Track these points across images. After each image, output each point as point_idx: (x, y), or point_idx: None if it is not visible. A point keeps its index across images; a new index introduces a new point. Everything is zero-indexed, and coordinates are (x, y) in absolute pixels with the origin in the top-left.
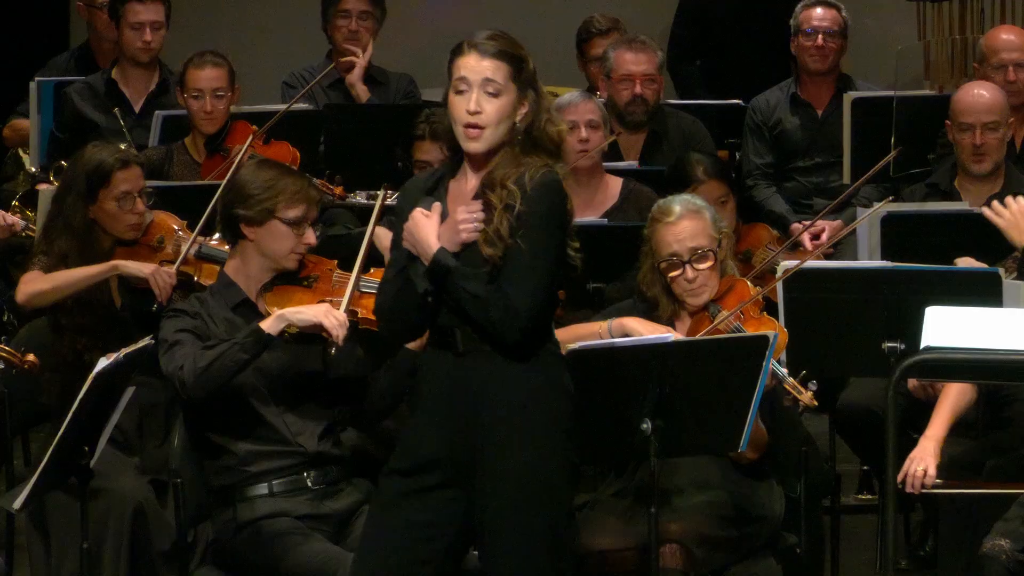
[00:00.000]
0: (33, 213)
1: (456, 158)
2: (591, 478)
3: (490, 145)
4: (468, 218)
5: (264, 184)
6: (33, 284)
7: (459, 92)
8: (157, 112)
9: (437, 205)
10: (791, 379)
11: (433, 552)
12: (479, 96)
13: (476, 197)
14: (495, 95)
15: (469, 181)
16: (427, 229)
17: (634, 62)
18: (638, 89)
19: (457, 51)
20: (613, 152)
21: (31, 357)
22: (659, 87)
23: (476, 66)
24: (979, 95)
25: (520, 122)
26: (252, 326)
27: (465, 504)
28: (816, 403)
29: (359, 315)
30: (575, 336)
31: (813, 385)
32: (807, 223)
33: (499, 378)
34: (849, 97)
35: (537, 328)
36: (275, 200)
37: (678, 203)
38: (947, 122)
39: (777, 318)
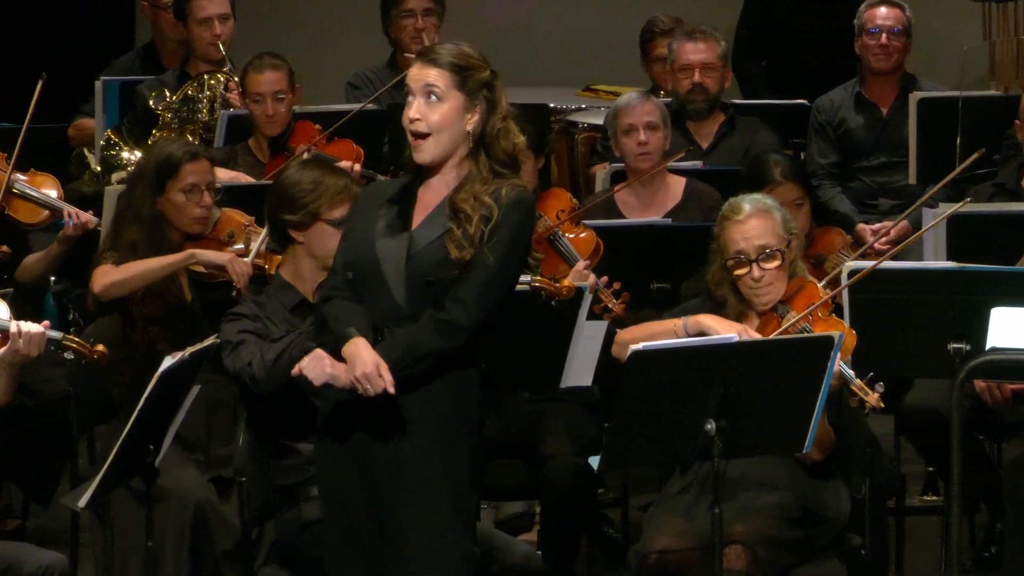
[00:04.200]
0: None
1: (420, 167)
2: (655, 479)
3: (435, 156)
4: (309, 367)
5: (306, 187)
6: (110, 274)
7: (407, 102)
8: (223, 112)
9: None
10: (858, 380)
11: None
12: (419, 103)
13: (444, 208)
14: (437, 101)
15: (435, 191)
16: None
17: (693, 51)
18: (697, 77)
19: (404, 59)
20: (686, 138)
21: (100, 347)
22: (720, 76)
23: (417, 74)
24: None
25: (472, 130)
26: (316, 314)
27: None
28: (883, 405)
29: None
30: (648, 334)
31: (880, 387)
32: (880, 225)
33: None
34: (915, 97)
35: (483, 331)
36: (318, 202)
37: (748, 202)
38: (1016, 122)
39: (843, 319)
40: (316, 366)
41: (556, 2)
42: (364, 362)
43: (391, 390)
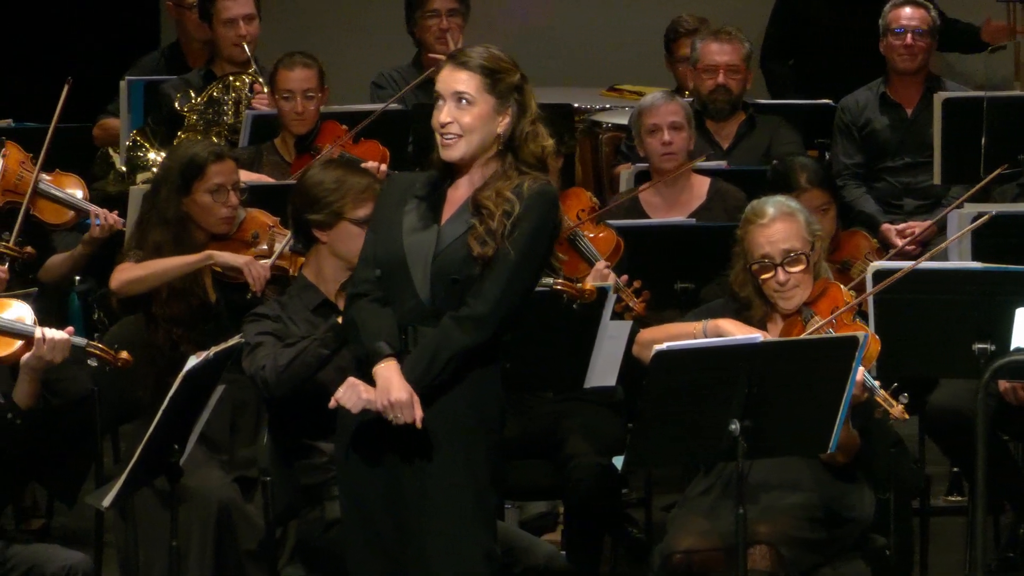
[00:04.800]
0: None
1: (448, 166)
2: (678, 479)
3: (465, 153)
4: (345, 397)
5: (330, 187)
6: (127, 272)
7: (436, 105)
8: (247, 111)
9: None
10: (882, 392)
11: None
12: (450, 107)
13: (469, 205)
14: (467, 104)
15: (462, 189)
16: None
17: (718, 52)
18: (721, 79)
19: (439, 67)
20: (705, 138)
21: (124, 354)
22: (743, 77)
23: (448, 78)
24: None
25: (503, 132)
26: (331, 322)
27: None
28: (907, 416)
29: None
30: (668, 335)
31: (904, 398)
32: (906, 225)
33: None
34: (939, 97)
35: (506, 326)
36: (342, 202)
37: (772, 205)
38: None
39: (867, 319)
40: (351, 395)
41: (580, 2)
42: (399, 390)
43: (419, 425)
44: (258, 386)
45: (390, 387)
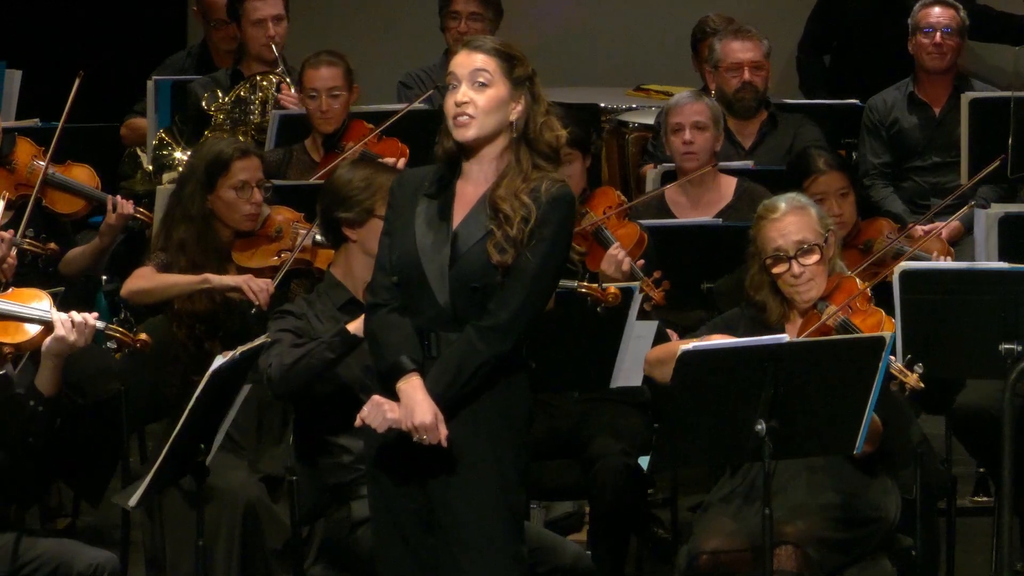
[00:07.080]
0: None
1: (455, 163)
2: (704, 479)
3: (478, 134)
4: (371, 416)
5: (360, 184)
6: (137, 281)
7: (451, 89)
8: (274, 111)
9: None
10: (897, 364)
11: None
12: (466, 88)
13: (484, 206)
14: (484, 85)
15: (474, 184)
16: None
17: (741, 50)
18: (746, 76)
19: (453, 56)
20: (728, 138)
21: (143, 336)
22: (767, 74)
23: (465, 60)
24: None
25: (516, 121)
26: (339, 327)
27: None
28: (923, 385)
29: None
30: (669, 353)
31: (919, 367)
32: (932, 226)
33: None
34: (967, 97)
35: (527, 333)
36: (373, 199)
37: (783, 200)
38: None
39: (880, 308)
40: (377, 414)
41: (609, 2)
42: (424, 412)
43: (444, 444)
44: (264, 383)
45: (414, 408)
